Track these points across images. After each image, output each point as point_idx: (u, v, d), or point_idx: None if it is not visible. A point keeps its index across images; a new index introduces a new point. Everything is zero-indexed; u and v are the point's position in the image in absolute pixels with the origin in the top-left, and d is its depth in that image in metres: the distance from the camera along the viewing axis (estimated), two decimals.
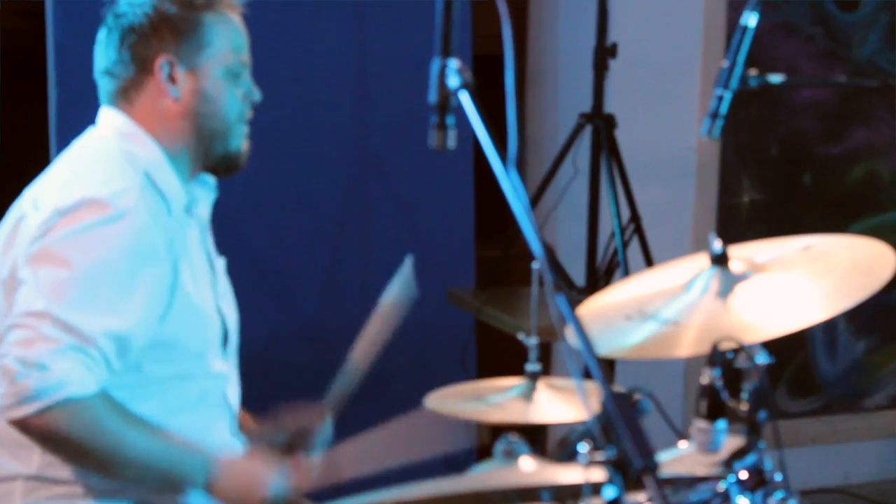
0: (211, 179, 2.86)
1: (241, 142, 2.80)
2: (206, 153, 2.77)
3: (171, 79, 2.70)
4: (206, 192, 2.84)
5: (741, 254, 2.65)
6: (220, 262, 2.91)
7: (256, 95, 2.80)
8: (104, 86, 2.76)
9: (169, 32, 2.69)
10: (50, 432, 2.46)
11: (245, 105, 2.79)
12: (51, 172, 2.73)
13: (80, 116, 2.82)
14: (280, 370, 4.54)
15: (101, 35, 2.75)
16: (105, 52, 2.74)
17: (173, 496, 2.63)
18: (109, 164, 2.65)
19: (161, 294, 2.61)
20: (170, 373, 2.65)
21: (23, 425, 2.45)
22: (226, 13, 2.75)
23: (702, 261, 2.64)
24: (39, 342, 2.42)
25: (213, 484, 2.60)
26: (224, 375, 2.81)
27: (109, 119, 2.75)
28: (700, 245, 2.69)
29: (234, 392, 2.87)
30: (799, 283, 2.55)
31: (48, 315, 2.44)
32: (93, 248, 2.51)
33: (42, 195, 2.63)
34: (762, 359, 2.42)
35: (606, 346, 2.52)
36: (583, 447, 1.75)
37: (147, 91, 2.71)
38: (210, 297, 2.77)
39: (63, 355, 2.43)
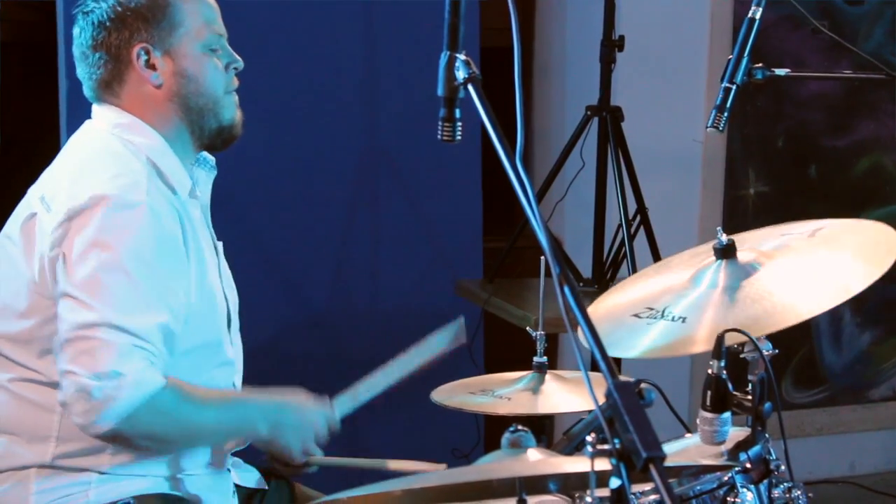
0: (210, 159, 2.86)
1: (233, 112, 2.79)
2: (201, 130, 2.76)
3: (150, 65, 2.70)
4: (206, 173, 2.85)
5: (747, 242, 2.65)
6: (219, 246, 2.92)
7: (239, 63, 2.79)
8: (88, 85, 2.77)
9: (138, 20, 2.68)
10: (138, 434, 2.51)
11: (229, 75, 2.78)
12: (56, 170, 2.74)
13: (90, 108, 2.82)
14: (289, 362, 4.56)
15: (74, 34, 2.76)
16: (81, 52, 2.75)
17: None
18: (115, 159, 2.65)
19: (186, 280, 2.64)
20: (185, 362, 2.66)
21: (112, 434, 2.48)
22: None
23: (708, 252, 2.64)
24: (102, 351, 2.44)
25: (273, 430, 2.70)
26: (233, 362, 2.83)
27: (103, 114, 2.76)
28: (706, 237, 2.70)
29: (239, 378, 2.90)
30: (806, 271, 2.55)
31: (100, 323, 2.45)
32: (120, 247, 2.51)
33: (50, 193, 2.63)
34: (767, 350, 2.43)
35: (618, 346, 2.54)
36: (589, 438, 1.77)
37: (129, 81, 2.71)
38: (217, 281, 2.79)
39: (129, 357, 2.45)
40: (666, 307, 2.56)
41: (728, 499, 2.42)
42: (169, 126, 2.73)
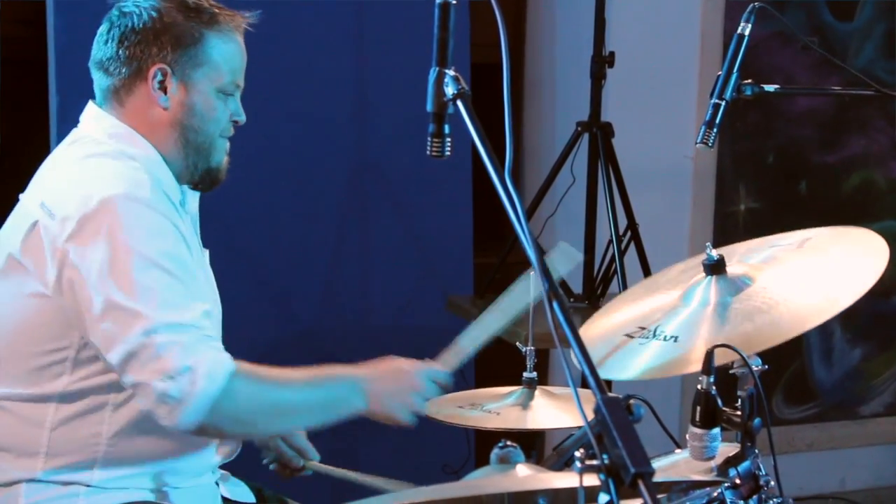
0: None
1: (221, 157, 2.79)
2: (195, 166, 2.75)
3: (163, 87, 2.69)
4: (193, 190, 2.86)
5: (736, 254, 2.64)
6: (205, 254, 2.92)
7: (242, 117, 2.79)
8: (97, 80, 2.75)
9: (170, 41, 2.68)
10: (226, 420, 2.49)
11: (229, 123, 2.79)
12: (53, 176, 2.72)
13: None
14: None
15: (103, 28, 2.73)
16: (103, 46, 2.72)
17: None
18: (116, 163, 2.64)
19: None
20: None
21: (202, 427, 2.46)
22: (231, 33, 2.74)
23: (697, 267, 2.64)
24: (166, 352, 2.42)
25: (370, 400, 2.64)
26: None
27: (98, 119, 2.75)
28: (697, 253, 2.70)
29: None
30: (797, 285, 2.55)
31: (154, 327, 2.44)
32: (145, 244, 2.50)
33: (52, 200, 2.60)
34: (756, 365, 2.43)
35: (612, 369, 2.53)
36: (578, 453, 1.76)
37: (137, 95, 2.70)
38: (207, 290, 2.79)
39: (194, 350, 2.44)
40: (657, 326, 2.56)
41: None
42: (166, 149, 2.72)
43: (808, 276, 2.57)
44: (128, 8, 2.71)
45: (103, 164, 2.65)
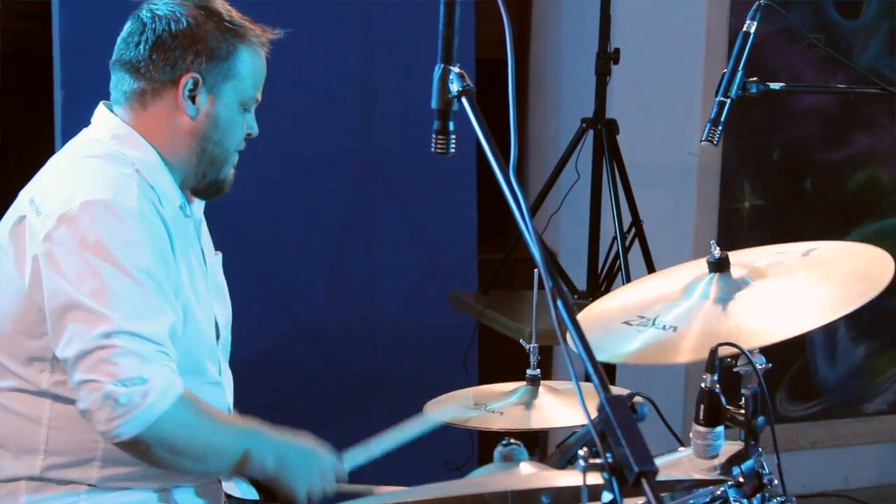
0: None
1: (230, 170, 2.80)
2: (203, 175, 2.76)
3: (191, 97, 2.69)
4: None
5: (741, 259, 2.66)
6: (217, 258, 2.91)
7: (255, 131, 2.81)
8: (120, 80, 2.73)
9: (205, 52, 2.68)
10: (158, 442, 2.47)
11: (243, 137, 2.80)
12: (47, 174, 2.72)
13: (85, 118, 2.81)
14: (283, 373, 4.56)
15: (133, 27, 2.71)
16: (134, 48, 2.70)
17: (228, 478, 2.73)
18: (106, 165, 2.64)
19: (175, 286, 2.63)
20: None
21: (132, 441, 2.44)
22: (258, 49, 2.75)
23: (702, 266, 2.65)
24: (124, 358, 2.42)
25: (280, 467, 2.62)
26: (220, 383, 2.82)
27: (104, 120, 2.75)
28: (701, 250, 2.70)
29: (230, 393, 2.89)
30: (798, 288, 2.56)
31: (117, 331, 2.43)
32: (120, 252, 2.49)
33: (40, 197, 2.61)
34: (760, 363, 2.43)
35: (606, 351, 2.53)
36: (581, 452, 1.76)
37: (164, 100, 2.70)
38: (205, 296, 2.78)
39: (152, 363, 2.43)
40: (657, 316, 2.56)
41: None
42: (176, 157, 2.72)
43: (810, 281, 2.57)
44: (161, 11, 2.69)
45: (95, 167, 2.64)
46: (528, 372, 2.93)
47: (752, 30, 3.15)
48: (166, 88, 2.70)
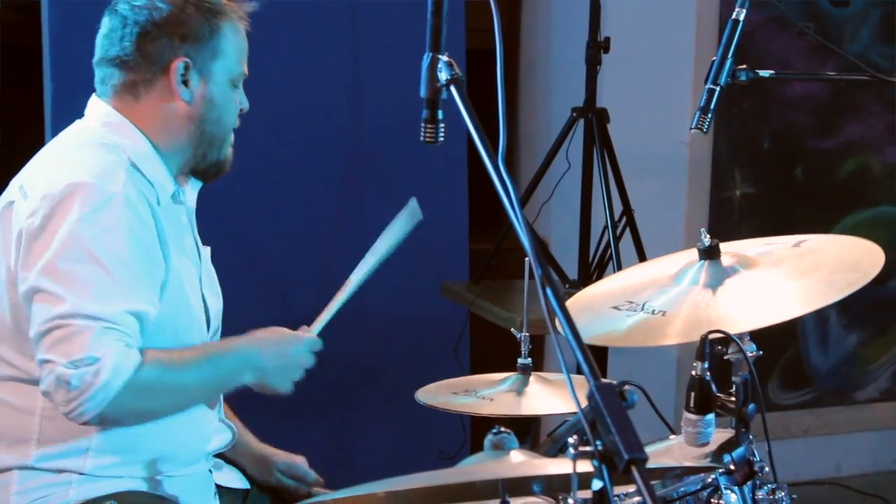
0: None
1: (229, 149, 2.82)
2: (203, 157, 2.77)
3: (184, 81, 2.70)
4: (193, 181, 2.85)
5: (732, 249, 2.67)
6: (206, 251, 2.91)
7: (246, 105, 2.82)
8: (108, 75, 2.73)
9: (189, 34, 2.68)
10: (125, 413, 2.51)
11: (237, 114, 2.81)
12: (36, 160, 2.73)
13: (76, 110, 2.81)
14: None
15: (113, 23, 2.71)
16: (117, 42, 2.70)
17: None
18: (95, 151, 2.64)
19: (159, 274, 2.63)
20: None
21: (99, 419, 2.47)
22: (237, 24, 2.76)
23: (693, 255, 2.66)
24: (76, 338, 2.43)
25: (258, 375, 2.71)
26: None
27: (96, 110, 2.75)
28: (692, 239, 2.70)
29: None
30: (787, 276, 2.57)
31: (73, 313, 2.44)
32: (94, 237, 2.50)
33: (28, 182, 2.62)
34: (751, 351, 2.44)
35: (594, 333, 2.55)
36: (571, 440, 1.76)
37: (157, 89, 2.70)
38: (196, 287, 2.79)
39: (103, 341, 2.44)
40: (646, 301, 2.58)
41: (712, 500, 2.42)
42: (172, 142, 2.73)
43: (799, 269, 2.58)
44: (139, 2, 2.70)
45: (86, 153, 2.65)
46: (520, 361, 2.93)
47: (742, 17, 3.15)
48: (157, 77, 2.70)
